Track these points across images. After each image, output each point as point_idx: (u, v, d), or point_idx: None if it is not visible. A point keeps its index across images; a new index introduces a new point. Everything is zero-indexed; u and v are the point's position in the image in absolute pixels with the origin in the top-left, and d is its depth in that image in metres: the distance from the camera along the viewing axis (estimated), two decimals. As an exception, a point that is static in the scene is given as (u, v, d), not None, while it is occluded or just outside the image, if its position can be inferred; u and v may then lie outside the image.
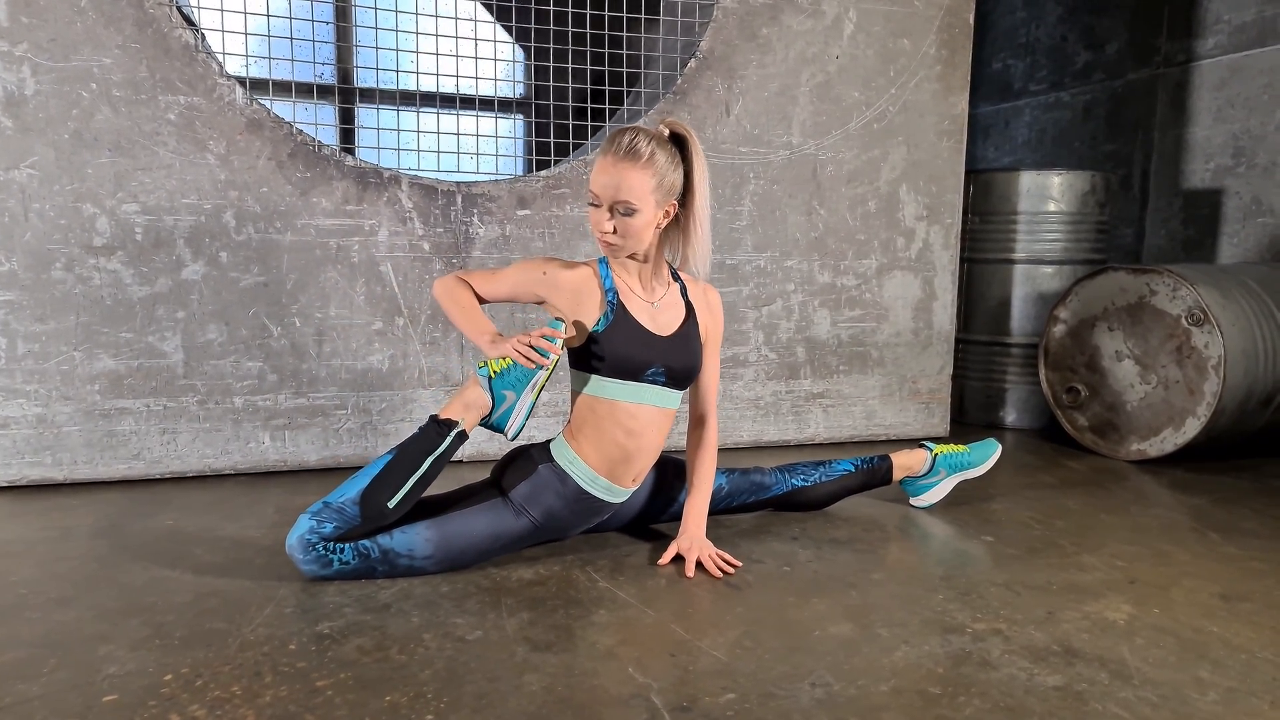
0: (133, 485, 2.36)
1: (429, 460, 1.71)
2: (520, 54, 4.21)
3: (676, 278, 1.91)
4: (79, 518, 2.09)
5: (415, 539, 1.71)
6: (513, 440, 1.82)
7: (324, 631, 1.49)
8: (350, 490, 1.67)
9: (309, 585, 1.68)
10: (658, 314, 1.84)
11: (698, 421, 1.97)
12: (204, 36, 2.31)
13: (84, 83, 2.23)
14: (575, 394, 1.84)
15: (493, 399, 1.76)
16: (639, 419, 1.80)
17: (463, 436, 1.76)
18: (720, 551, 1.86)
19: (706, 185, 1.78)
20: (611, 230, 1.72)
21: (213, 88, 2.32)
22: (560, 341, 1.73)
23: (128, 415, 2.35)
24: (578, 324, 1.80)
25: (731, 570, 1.82)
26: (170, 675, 1.33)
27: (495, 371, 1.75)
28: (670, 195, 1.75)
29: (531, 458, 1.83)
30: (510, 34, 3.69)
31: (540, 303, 1.83)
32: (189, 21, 2.31)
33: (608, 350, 1.77)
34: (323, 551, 1.67)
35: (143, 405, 2.35)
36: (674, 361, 1.81)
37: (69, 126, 2.23)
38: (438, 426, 1.74)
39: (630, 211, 1.71)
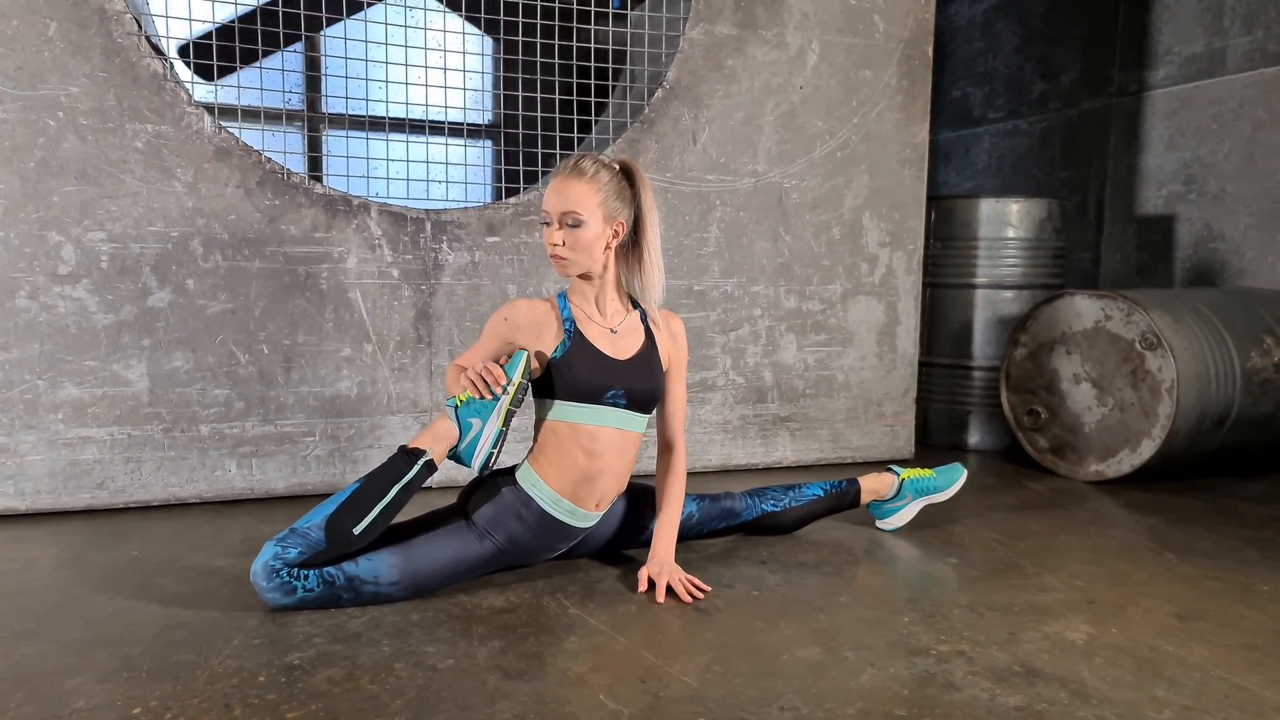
0: (97, 515, 2.33)
1: (396, 488, 1.72)
2: (489, 80, 4.25)
3: (637, 307, 1.95)
4: (42, 548, 2.06)
5: (380, 565, 1.71)
6: (480, 472, 1.83)
7: (293, 662, 1.49)
8: (316, 517, 1.68)
9: (278, 615, 1.68)
10: (617, 339, 1.87)
11: (665, 447, 2.00)
12: (172, 65, 2.31)
13: (51, 111, 2.22)
14: (539, 420, 1.87)
15: (459, 428, 1.78)
16: (599, 440, 1.83)
17: (431, 466, 1.77)
18: (689, 576, 1.88)
19: (656, 216, 1.86)
20: (560, 243, 1.78)
21: (181, 116, 2.32)
22: (519, 369, 1.76)
23: (91, 444, 2.32)
24: (539, 354, 1.83)
25: (701, 595, 1.84)
26: (139, 709, 1.32)
27: (461, 400, 1.78)
28: (616, 214, 1.81)
29: (496, 481, 1.85)
30: (481, 49, 3.73)
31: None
32: (157, 51, 2.31)
33: (565, 374, 1.80)
34: (287, 578, 1.66)
35: (107, 434, 2.33)
36: (634, 384, 1.85)
37: (35, 155, 2.22)
38: (406, 456, 1.75)
39: (577, 223, 1.76)
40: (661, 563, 1.88)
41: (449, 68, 2.72)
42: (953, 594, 1.89)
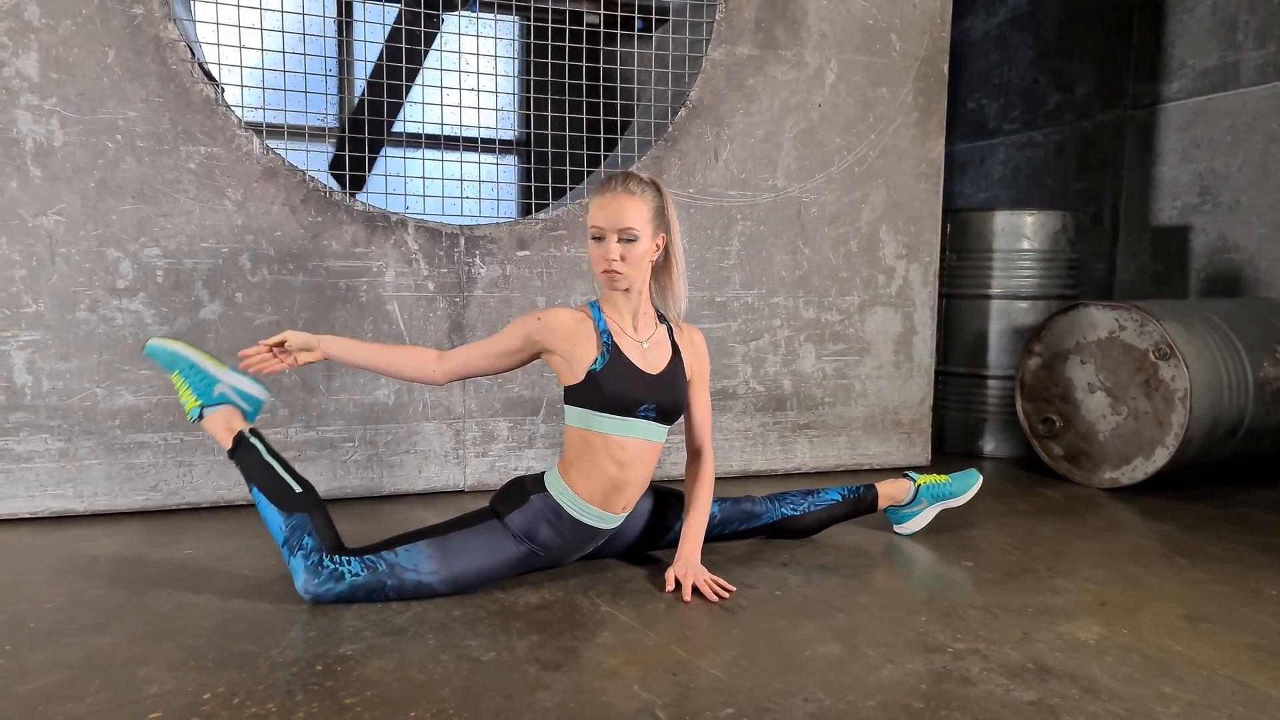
0: (151, 516, 2.45)
1: (268, 461, 1.92)
2: (513, 94, 4.37)
3: (663, 320, 2.04)
4: (102, 547, 2.18)
5: (419, 555, 1.83)
6: (199, 420, 1.99)
7: (347, 653, 1.59)
8: (278, 524, 1.84)
9: (328, 611, 1.78)
10: (647, 353, 1.96)
11: (694, 454, 2.09)
12: (223, 90, 2.44)
13: (110, 134, 2.35)
14: (570, 427, 1.94)
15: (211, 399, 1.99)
16: (629, 451, 1.91)
17: (252, 434, 1.96)
18: (714, 577, 1.97)
19: (679, 228, 1.98)
20: (619, 258, 1.86)
21: (231, 138, 2.44)
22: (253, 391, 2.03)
23: (146, 449, 2.44)
24: (574, 363, 1.90)
25: (726, 595, 1.93)
26: (208, 694, 1.43)
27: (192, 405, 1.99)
28: (659, 230, 1.91)
29: (525, 488, 1.93)
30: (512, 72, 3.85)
31: (538, 355, 1.94)
32: (209, 77, 2.44)
33: (605, 388, 1.88)
34: (330, 565, 1.79)
35: (161, 439, 2.45)
36: (663, 398, 1.93)
37: (95, 175, 2.35)
38: (239, 449, 1.94)
39: (633, 238, 1.86)
40: (688, 564, 1.97)
41: (480, 89, 2.83)
42: (968, 595, 1.97)
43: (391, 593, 1.83)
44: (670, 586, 1.95)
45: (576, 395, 1.92)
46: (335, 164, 3.36)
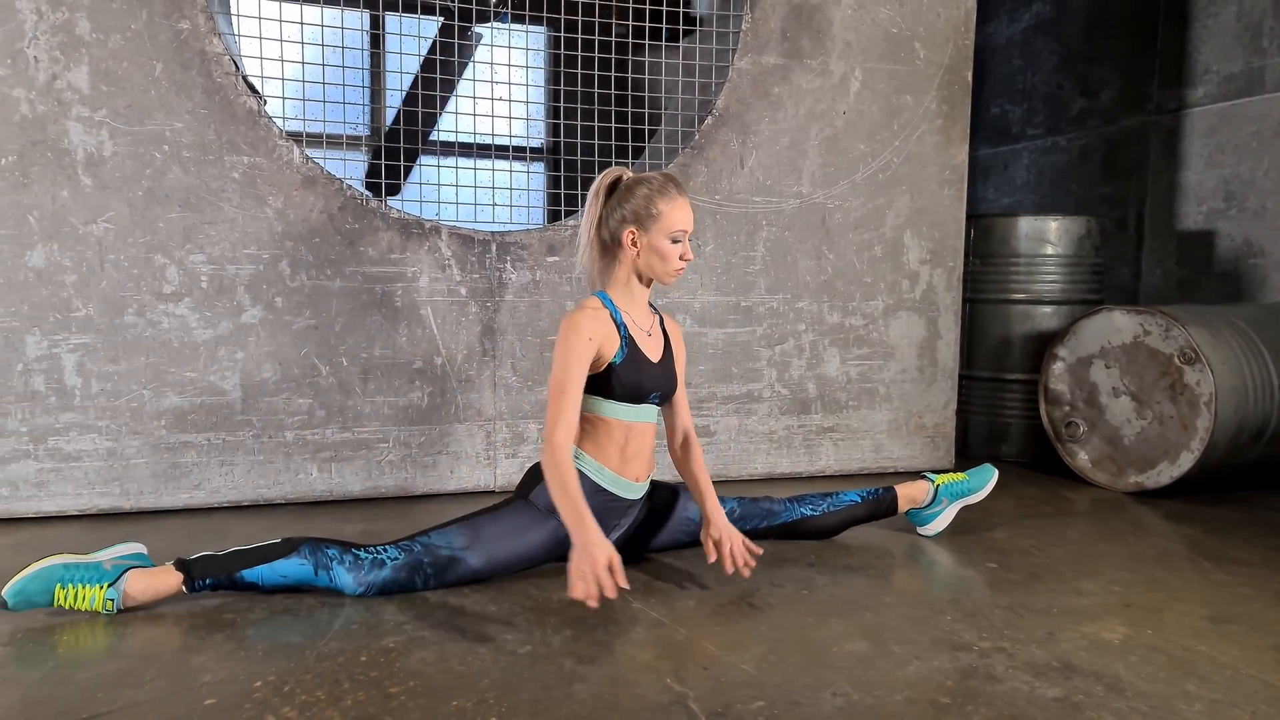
0: (194, 513, 2.53)
1: (227, 551, 1.85)
2: (543, 106, 4.44)
3: (652, 308, 2.11)
4: (148, 543, 2.23)
5: (451, 535, 1.91)
6: (120, 598, 1.77)
7: (389, 645, 1.65)
8: (295, 567, 1.84)
9: (370, 604, 1.84)
10: (650, 342, 2.04)
11: (685, 438, 2.17)
12: (266, 102, 2.52)
13: (157, 145, 2.43)
14: (585, 414, 1.99)
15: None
16: (635, 431, 2.01)
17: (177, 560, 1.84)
18: (745, 540, 2.04)
19: None
20: (690, 256, 1.98)
21: (273, 149, 2.52)
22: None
23: (190, 449, 2.52)
24: (600, 357, 1.96)
25: (754, 560, 2.01)
26: (259, 682, 1.49)
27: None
28: None
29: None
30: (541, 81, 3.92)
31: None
32: (252, 89, 2.52)
33: (624, 379, 1.96)
34: (367, 556, 1.86)
35: (204, 439, 2.53)
36: (666, 385, 2.04)
37: (143, 184, 2.43)
38: (190, 568, 1.81)
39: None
40: (720, 527, 2.04)
41: (511, 99, 2.90)
42: (993, 596, 2.00)
43: (429, 569, 1.89)
44: (712, 556, 2.03)
45: (593, 384, 1.97)
46: (371, 172, 3.43)
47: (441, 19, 3.08)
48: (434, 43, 3.22)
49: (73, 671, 1.53)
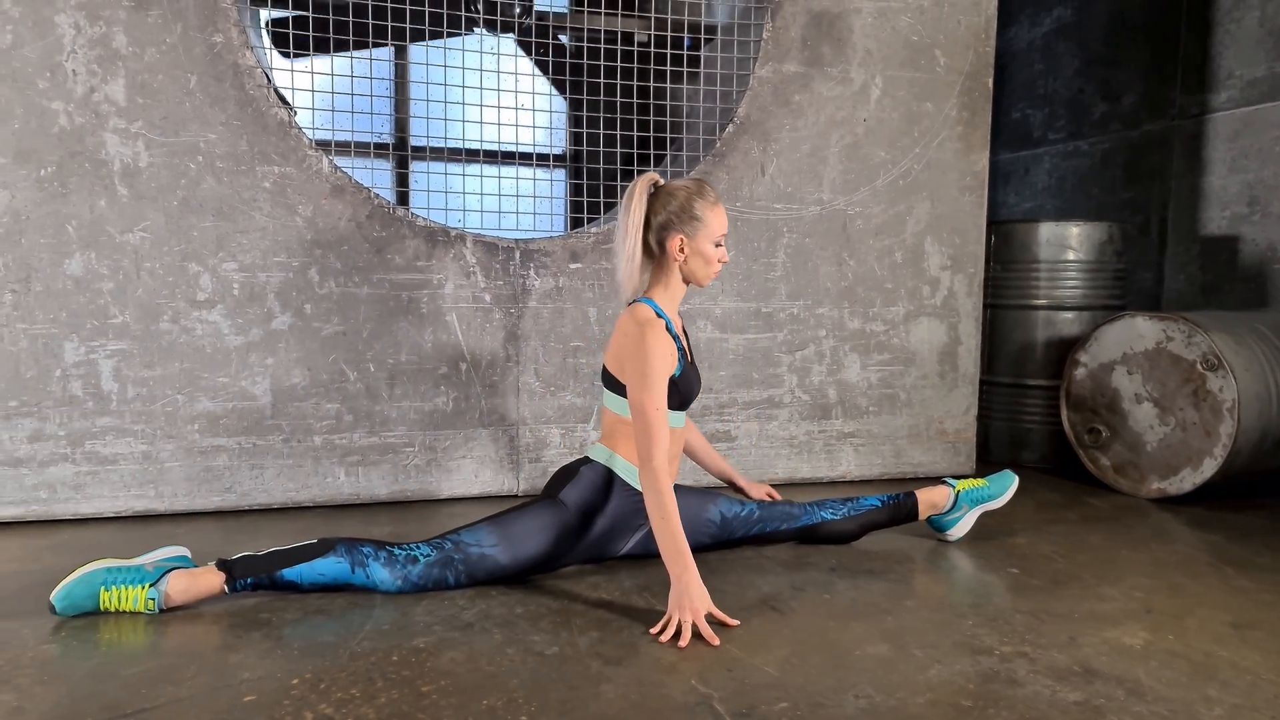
0: (225, 516, 2.59)
1: (266, 552, 1.89)
2: (563, 113, 4.49)
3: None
4: (184, 545, 2.30)
5: (480, 533, 1.96)
6: (163, 599, 1.82)
7: (420, 645, 1.69)
8: (331, 566, 1.88)
9: (400, 605, 1.88)
10: (687, 345, 2.11)
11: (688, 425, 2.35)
12: (296, 113, 2.58)
13: (191, 155, 2.50)
14: (622, 421, 2.04)
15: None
16: (673, 436, 2.06)
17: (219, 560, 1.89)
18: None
19: None
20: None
21: (303, 159, 2.58)
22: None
23: (222, 452, 2.58)
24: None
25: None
26: (297, 680, 1.54)
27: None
28: None
29: (572, 466, 2.08)
30: (561, 90, 3.97)
31: None
32: (283, 101, 2.58)
33: (683, 390, 2.03)
34: (400, 553, 1.91)
35: (235, 443, 2.59)
36: (700, 387, 2.15)
37: (178, 194, 2.49)
38: (232, 567, 1.85)
39: None
40: (749, 485, 2.45)
41: (534, 108, 2.94)
42: (1014, 601, 2.02)
43: (461, 566, 1.94)
44: (758, 492, 2.40)
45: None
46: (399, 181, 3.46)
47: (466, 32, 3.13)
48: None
49: (116, 668, 1.58)
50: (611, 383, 2.04)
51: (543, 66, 3.38)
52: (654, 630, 1.76)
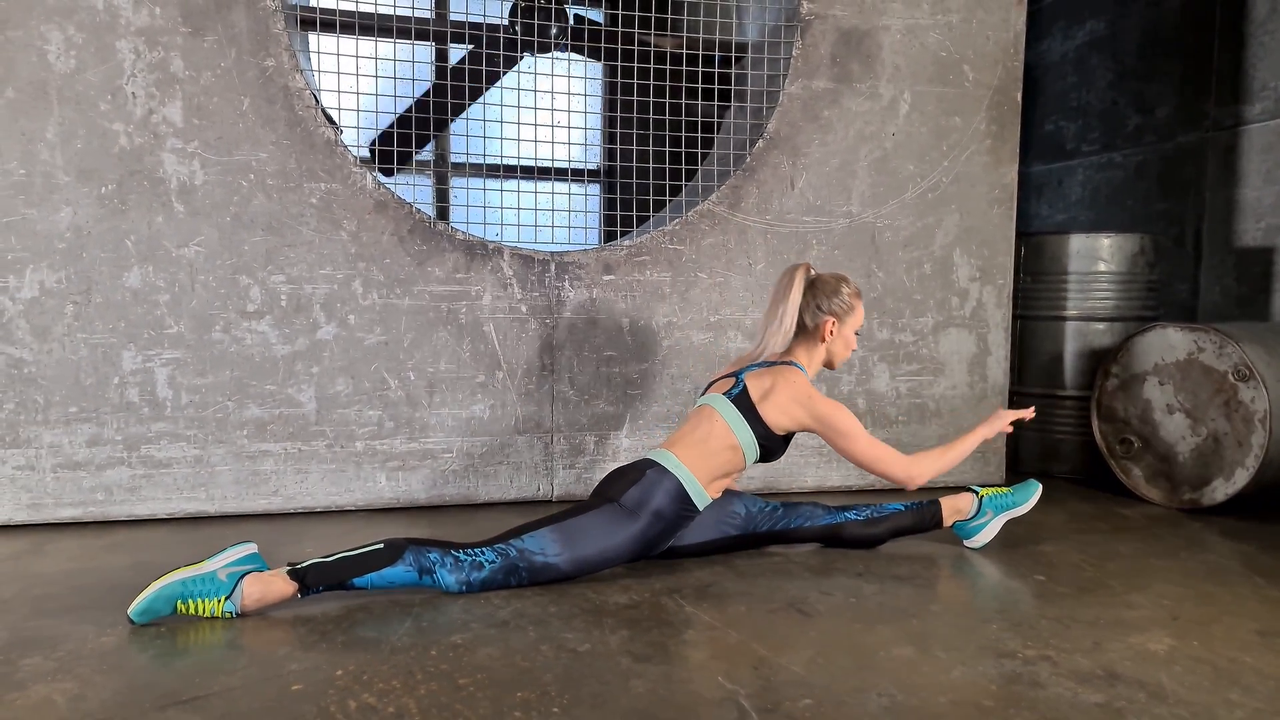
0: (272, 518, 2.69)
1: (335, 558, 1.94)
2: (598, 129, 4.58)
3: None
4: (232, 546, 2.41)
5: (543, 539, 2.03)
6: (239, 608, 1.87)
7: (457, 641, 1.76)
8: (400, 573, 1.94)
9: (437, 603, 1.96)
10: None
11: None
12: (342, 131, 2.69)
13: (243, 173, 2.62)
14: (723, 443, 2.18)
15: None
16: (745, 466, 2.26)
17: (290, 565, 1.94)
18: None
19: None
20: None
21: (348, 176, 2.69)
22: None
23: (269, 457, 2.69)
24: (797, 423, 2.25)
25: None
26: (340, 671, 1.62)
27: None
28: None
29: (636, 467, 2.16)
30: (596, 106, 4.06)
31: None
32: (330, 120, 2.69)
33: (789, 444, 2.32)
34: (465, 558, 1.99)
35: (281, 448, 2.70)
36: None
37: (230, 210, 2.62)
38: (304, 575, 1.90)
39: None
40: None
41: (571, 125, 3.03)
42: (1040, 607, 2.04)
43: (524, 573, 2.03)
44: None
45: (768, 439, 2.22)
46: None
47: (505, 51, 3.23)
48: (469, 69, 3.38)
49: (170, 659, 1.67)
50: (760, 427, 2.20)
51: (577, 82, 3.47)
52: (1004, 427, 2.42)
